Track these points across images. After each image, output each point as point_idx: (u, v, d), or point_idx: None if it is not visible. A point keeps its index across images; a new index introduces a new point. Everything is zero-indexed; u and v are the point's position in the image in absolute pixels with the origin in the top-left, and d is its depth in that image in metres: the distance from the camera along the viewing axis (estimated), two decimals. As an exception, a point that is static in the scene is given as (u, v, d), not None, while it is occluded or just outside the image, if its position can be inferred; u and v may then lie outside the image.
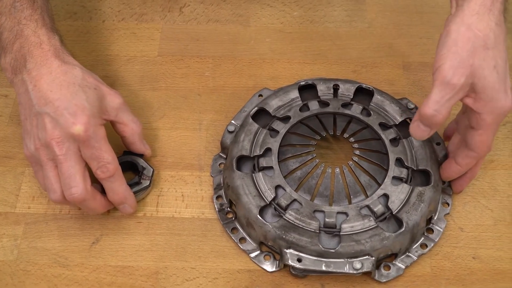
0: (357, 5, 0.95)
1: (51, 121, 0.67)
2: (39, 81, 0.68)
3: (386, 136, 0.77)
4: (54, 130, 0.67)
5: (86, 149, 0.68)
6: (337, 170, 0.76)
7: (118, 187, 0.71)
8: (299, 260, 0.69)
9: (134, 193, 0.74)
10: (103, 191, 0.72)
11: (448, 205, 0.76)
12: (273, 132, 0.78)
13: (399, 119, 0.78)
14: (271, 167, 0.75)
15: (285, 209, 0.72)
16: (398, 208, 0.72)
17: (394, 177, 0.74)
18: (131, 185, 0.74)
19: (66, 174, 0.68)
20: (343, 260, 0.69)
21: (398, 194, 0.73)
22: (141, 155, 0.78)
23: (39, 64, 0.69)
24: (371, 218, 0.71)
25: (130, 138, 0.75)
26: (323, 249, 0.69)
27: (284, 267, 0.71)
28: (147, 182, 0.76)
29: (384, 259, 0.72)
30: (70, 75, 0.69)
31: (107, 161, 0.69)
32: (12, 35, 0.71)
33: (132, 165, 0.77)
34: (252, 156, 0.76)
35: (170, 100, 0.85)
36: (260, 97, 0.82)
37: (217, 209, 0.76)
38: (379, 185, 0.74)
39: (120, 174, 0.71)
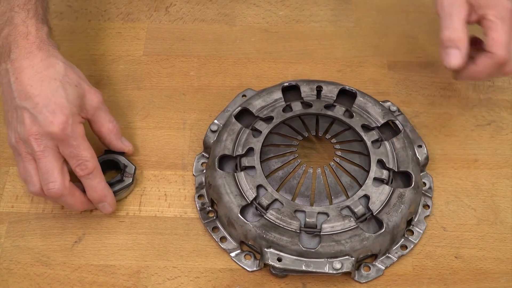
0: (343, 5, 0.96)
1: (30, 117, 0.68)
2: (21, 73, 0.68)
3: (368, 137, 0.77)
4: (33, 126, 0.67)
5: (65, 147, 0.68)
6: (319, 170, 0.76)
7: (97, 184, 0.71)
8: (279, 260, 0.70)
9: (117, 191, 0.75)
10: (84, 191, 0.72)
11: (429, 207, 0.76)
12: (256, 132, 0.78)
13: (381, 121, 0.79)
14: (253, 167, 0.75)
15: (266, 208, 0.72)
16: (379, 209, 0.72)
17: (375, 179, 0.74)
18: (113, 183, 0.75)
19: (44, 169, 0.68)
20: (323, 260, 0.70)
21: (378, 195, 0.73)
22: (122, 153, 0.78)
23: (22, 55, 0.69)
24: (352, 219, 0.71)
25: (106, 137, 0.76)
26: (303, 248, 0.69)
27: (265, 266, 0.71)
28: (130, 180, 0.76)
29: (364, 260, 0.73)
30: (52, 70, 0.69)
31: (85, 158, 0.69)
32: (2, 21, 0.71)
33: (114, 163, 0.77)
34: (234, 155, 0.76)
35: (154, 99, 0.85)
36: (244, 97, 0.82)
37: (198, 208, 0.76)
38: (360, 186, 0.74)
39: (99, 172, 0.71)
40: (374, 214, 0.72)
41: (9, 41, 0.70)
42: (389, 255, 0.73)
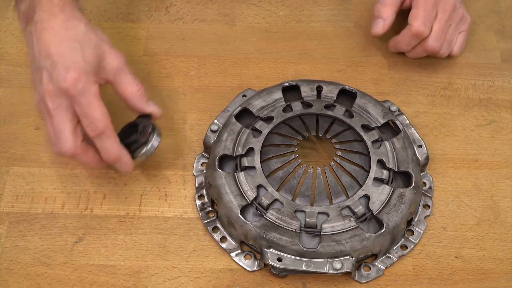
0: (343, 5, 0.96)
1: (47, 75, 0.68)
2: (42, 34, 0.69)
3: (368, 137, 0.77)
4: (48, 84, 0.68)
5: (76, 106, 0.68)
6: (319, 170, 0.76)
7: (109, 146, 0.70)
8: (280, 260, 0.70)
9: (132, 151, 0.73)
10: None
11: (429, 207, 0.76)
12: (256, 132, 0.78)
13: (381, 121, 0.79)
14: (253, 167, 0.75)
15: (267, 208, 0.72)
16: (379, 209, 0.72)
17: (375, 179, 0.74)
18: (128, 144, 0.73)
19: (56, 128, 0.68)
20: (323, 260, 0.70)
21: (379, 195, 0.73)
22: (149, 117, 0.75)
23: (45, 17, 0.69)
24: (352, 219, 0.71)
25: (130, 101, 0.73)
26: (303, 248, 0.69)
27: (265, 266, 0.71)
28: (143, 139, 0.73)
29: (364, 260, 0.73)
30: (72, 32, 0.69)
31: (96, 118, 0.68)
32: None
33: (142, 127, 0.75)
34: (234, 155, 0.76)
35: (155, 99, 0.84)
36: (244, 97, 0.82)
37: (198, 208, 0.76)
38: (360, 186, 0.74)
39: (110, 133, 0.69)
40: (374, 214, 0.72)
41: (34, 4, 0.70)
42: (389, 255, 0.73)
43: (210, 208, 0.76)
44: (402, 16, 0.87)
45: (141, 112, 0.74)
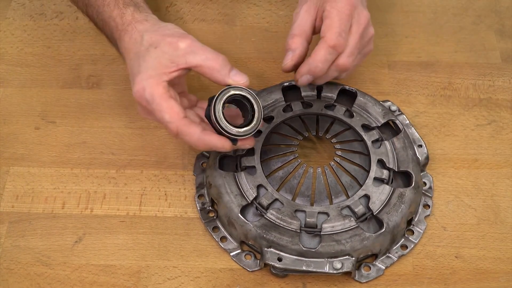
0: (344, 4, 0.95)
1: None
2: (124, 60, 0.74)
3: (368, 137, 0.77)
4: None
5: (149, 113, 0.70)
6: (319, 170, 0.76)
7: (190, 141, 0.69)
8: (280, 259, 0.70)
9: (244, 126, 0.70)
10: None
11: (429, 207, 0.76)
12: (256, 132, 0.78)
13: (381, 121, 0.79)
14: (253, 167, 0.75)
15: (267, 208, 0.72)
16: (379, 209, 0.72)
17: (375, 178, 0.74)
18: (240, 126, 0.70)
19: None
20: (323, 259, 0.70)
21: (379, 195, 0.73)
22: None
23: (120, 46, 0.74)
24: (352, 219, 0.71)
25: (211, 77, 0.70)
26: (303, 248, 0.69)
27: (265, 266, 0.71)
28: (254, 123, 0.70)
29: (365, 260, 0.73)
30: (134, 46, 0.71)
31: (166, 121, 0.68)
32: (102, 22, 0.77)
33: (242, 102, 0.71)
34: (234, 155, 0.76)
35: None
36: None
37: (198, 208, 0.76)
38: (360, 186, 0.74)
39: (184, 129, 0.68)
40: (374, 214, 0.72)
41: (113, 37, 0.75)
42: (390, 254, 0.73)
43: (210, 208, 0.76)
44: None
45: (225, 84, 0.71)
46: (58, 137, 0.82)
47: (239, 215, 0.72)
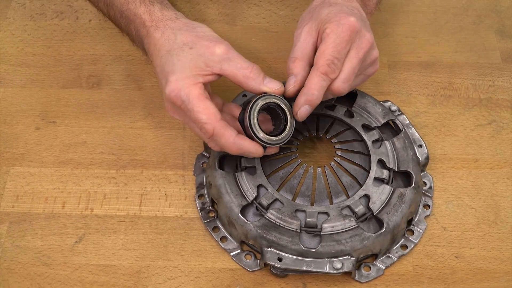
0: (344, 5, 0.95)
1: (163, 92, 0.71)
2: (150, 56, 0.74)
3: (369, 137, 0.77)
4: (165, 100, 0.72)
5: (184, 113, 0.70)
6: (319, 170, 0.76)
7: (225, 143, 0.69)
8: (280, 259, 0.70)
9: (277, 134, 0.71)
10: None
11: (429, 207, 0.76)
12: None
13: (381, 121, 0.79)
14: (253, 167, 0.75)
15: (267, 208, 0.72)
16: (379, 209, 0.72)
17: (375, 178, 0.74)
18: (272, 134, 0.71)
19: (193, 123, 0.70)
20: (323, 259, 0.70)
21: (379, 195, 0.73)
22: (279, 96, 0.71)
23: (148, 42, 0.74)
24: (352, 219, 0.71)
25: (244, 86, 0.70)
26: (303, 248, 0.69)
27: (265, 266, 0.71)
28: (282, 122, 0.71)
29: (365, 260, 0.73)
30: (167, 43, 0.71)
31: (203, 121, 0.68)
32: (126, 20, 0.77)
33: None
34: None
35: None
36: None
37: (199, 208, 0.76)
38: (361, 185, 0.74)
39: (222, 131, 0.68)
40: (374, 214, 0.72)
41: (138, 35, 0.75)
42: (390, 254, 0.73)
43: (210, 208, 0.76)
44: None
45: (260, 93, 0.71)
46: (58, 137, 0.82)
47: (239, 215, 0.72)
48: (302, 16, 0.75)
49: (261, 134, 0.70)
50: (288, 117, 0.71)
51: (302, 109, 0.71)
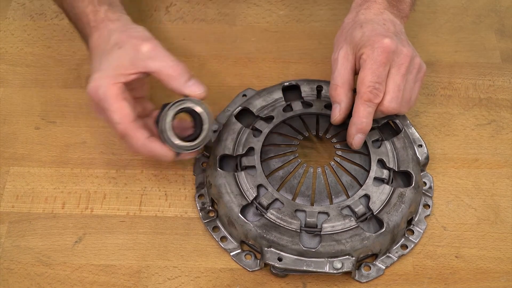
0: (344, 4, 0.95)
1: None
2: (90, 56, 0.75)
3: (368, 137, 0.77)
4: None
5: (101, 112, 0.70)
6: (319, 170, 0.76)
7: (136, 144, 0.69)
8: (280, 259, 0.70)
9: (192, 139, 0.71)
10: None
11: (429, 206, 0.76)
12: (256, 131, 0.78)
13: (381, 121, 0.79)
14: (253, 167, 0.75)
15: (267, 208, 0.72)
16: (379, 209, 0.72)
17: (375, 178, 0.74)
18: (185, 139, 0.71)
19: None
20: (323, 259, 0.70)
21: (379, 195, 0.73)
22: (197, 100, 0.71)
23: (90, 42, 0.74)
24: (352, 218, 0.71)
25: (168, 85, 0.70)
26: (303, 248, 0.69)
27: (265, 266, 0.71)
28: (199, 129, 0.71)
29: (365, 259, 0.73)
30: (102, 44, 0.72)
31: (115, 121, 0.68)
32: (76, 17, 0.78)
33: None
34: (235, 155, 0.76)
35: (155, 99, 0.85)
36: (244, 97, 0.82)
37: (199, 208, 0.76)
38: (361, 185, 0.74)
39: (134, 133, 0.69)
40: (374, 214, 0.72)
41: (84, 33, 0.76)
42: (390, 254, 0.73)
43: (210, 208, 0.76)
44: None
45: (182, 94, 0.71)
46: (58, 137, 0.82)
47: (239, 215, 0.72)
48: (336, 37, 0.77)
49: (172, 138, 0.70)
50: (205, 124, 0.71)
51: (356, 139, 0.73)
